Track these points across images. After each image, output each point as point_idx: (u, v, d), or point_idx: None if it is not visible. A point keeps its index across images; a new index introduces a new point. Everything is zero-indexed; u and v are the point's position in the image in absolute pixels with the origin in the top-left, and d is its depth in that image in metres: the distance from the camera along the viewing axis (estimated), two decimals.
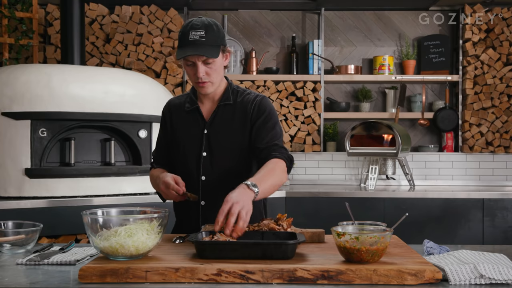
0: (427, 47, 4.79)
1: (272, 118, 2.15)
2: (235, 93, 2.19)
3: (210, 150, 2.14)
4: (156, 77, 4.56)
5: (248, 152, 2.14)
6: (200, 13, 4.86)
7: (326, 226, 1.91)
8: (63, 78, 3.55)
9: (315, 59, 4.71)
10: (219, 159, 2.13)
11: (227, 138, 2.14)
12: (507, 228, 4.03)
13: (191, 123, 2.18)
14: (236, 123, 2.14)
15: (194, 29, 2.01)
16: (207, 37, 2.01)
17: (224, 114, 2.16)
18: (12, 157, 3.44)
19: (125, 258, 1.59)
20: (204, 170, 2.14)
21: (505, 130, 4.62)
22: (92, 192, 3.59)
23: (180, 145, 2.19)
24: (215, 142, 2.14)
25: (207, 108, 2.19)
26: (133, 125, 3.74)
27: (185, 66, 2.08)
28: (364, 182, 4.67)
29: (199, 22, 2.02)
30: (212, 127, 2.15)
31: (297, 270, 1.49)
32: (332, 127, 4.76)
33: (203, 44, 2.00)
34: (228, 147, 2.13)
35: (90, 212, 1.70)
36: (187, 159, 2.17)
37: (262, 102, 2.15)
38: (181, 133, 2.19)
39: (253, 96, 2.17)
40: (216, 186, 2.12)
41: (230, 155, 2.13)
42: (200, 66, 2.03)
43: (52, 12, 4.54)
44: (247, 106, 2.15)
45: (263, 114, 2.13)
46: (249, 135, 2.13)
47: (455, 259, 1.65)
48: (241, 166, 2.15)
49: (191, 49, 2.00)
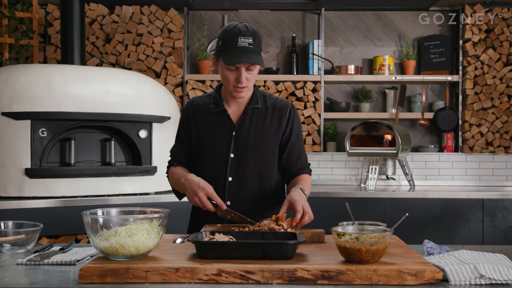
0: (427, 47, 4.79)
1: (301, 129, 2.33)
2: (261, 97, 2.26)
3: (238, 152, 2.18)
4: (156, 77, 4.56)
5: (274, 155, 2.23)
6: (200, 13, 4.86)
7: (326, 226, 1.91)
8: (63, 78, 3.55)
9: (315, 59, 4.71)
10: (246, 161, 2.18)
11: (256, 141, 2.18)
12: (507, 228, 4.03)
13: (218, 124, 2.21)
14: (268, 127, 2.21)
15: (243, 36, 2.05)
16: (255, 44, 2.07)
17: (254, 117, 2.21)
18: (12, 157, 3.44)
19: (125, 258, 1.59)
20: (231, 172, 2.17)
21: (505, 130, 4.62)
22: (92, 192, 3.59)
23: (206, 145, 2.21)
24: (243, 144, 2.18)
25: (234, 111, 2.22)
26: (133, 125, 3.74)
27: (225, 69, 2.10)
28: (364, 182, 4.67)
29: (246, 29, 2.07)
30: (241, 129, 2.19)
31: (297, 270, 1.49)
32: (332, 127, 4.76)
33: (252, 52, 2.06)
34: (256, 150, 2.18)
35: (90, 212, 1.70)
36: (213, 160, 2.19)
37: (296, 112, 2.29)
38: (207, 134, 2.21)
39: (285, 103, 2.27)
40: (241, 187, 2.18)
41: (258, 157, 2.19)
42: (243, 72, 2.09)
43: (52, 12, 4.54)
44: (282, 112, 2.23)
45: (298, 126, 2.27)
46: (281, 141, 2.23)
47: (455, 259, 1.65)
48: (267, 168, 2.22)
49: (244, 56, 2.04)
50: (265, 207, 2.23)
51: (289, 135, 2.24)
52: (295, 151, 2.26)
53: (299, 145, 2.28)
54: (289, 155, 2.25)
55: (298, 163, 2.27)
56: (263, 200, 2.23)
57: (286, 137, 2.24)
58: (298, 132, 2.26)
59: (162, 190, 3.86)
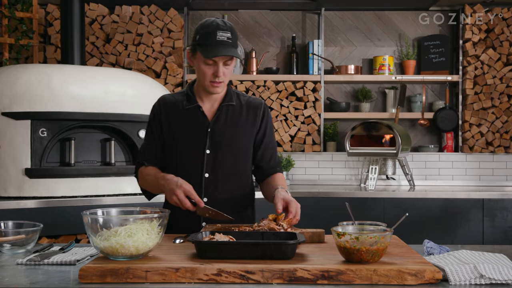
0: (427, 47, 4.79)
1: (273, 128, 2.38)
2: (235, 95, 2.27)
3: (213, 148, 2.18)
4: (156, 77, 4.56)
5: (249, 152, 2.26)
6: (200, 13, 4.86)
7: (326, 226, 1.92)
8: (63, 78, 3.55)
9: (315, 59, 4.71)
10: (222, 157, 2.18)
11: (231, 137, 2.20)
12: (507, 228, 4.03)
13: (192, 121, 2.20)
14: (243, 123, 2.23)
15: (222, 30, 2.07)
16: (233, 39, 2.10)
17: (229, 114, 2.22)
18: (12, 157, 3.44)
19: (125, 258, 1.59)
20: (208, 168, 2.17)
21: (505, 130, 4.62)
22: (92, 192, 3.59)
23: (180, 142, 2.20)
24: (219, 141, 2.18)
25: (208, 107, 2.23)
26: (133, 125, 3.74)
27: (202, 64, 2.11)
28: (364, 182, 4.67)
29: (223, 23, 2.09)
30: (216, 126, 2.19)
31: (297, 270, 1.49)
32: (332, 127, 4.76)
33: (230, 46, 2.08)
34: (232, 146, 2.20)
35: (90, 212, 1.70)
36: (188, 156, 2.19)
37: (269, 111, 2.32)
38: (181, 131, 2.20)
39: (259, 101, 2.30)
40: (218, 183, 2.18)
41: (233, 153, 2.21)
42: (221, 66, 2.09)
43: (52, 12, 4.54)
44: (256, 110, 2.26)
45: (271, 125, 2.30)
46: (255, 139, 2.26)
47: (455, 259, 1.65)
48: (242, 164, 2.25)
49: (222, 49, 2.05)
50: (241, 203, 2.25)
51: (263, 134, 2.26)
52: (269, 149, 2.29)
53: (272, 144, 2.31)
54: (263, 153, 2.27)
55: (272, 161, 2.29)
56: (239, 196, 2.25)
57: (261, 135, 2.26)
58: (271, 131, 2.30)
59: None
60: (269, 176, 2.29)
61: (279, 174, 2.30)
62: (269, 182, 2.27)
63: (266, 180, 2.30)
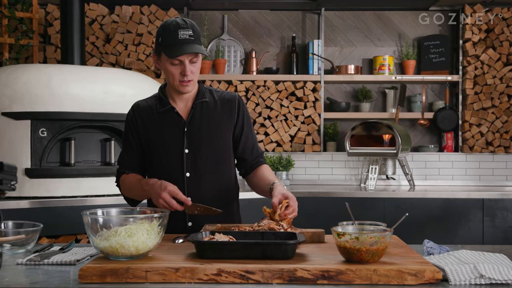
0: (427, 47, 4.79)
1: (251, 119, 2.33)
2: (207, 91, 2.26)
3: (192, 147, 2.18)
4: (156, 77, 4.56)
5: (229, 146, 2.24)
6: (200, 13, 4.86)
7: (326, 226, 1.91)
8: (63, 78, 3.55)
9: (315, 59, 4.71)
10: (202, 155, 2.18)
11: (209, 134, 2.19)
12: (507, 228, 4.03)
13: (167, 123, 2.20)
14: (219, 118, 2.21)
15: (182, 28, 2.06)
16: (195, 36, 2.08)
17: (203, 111, 2.21)
18: (12, 157, 3.43)
19: (125, 258, 1.59)
20: (188, 167, 2.17)
21: (505, 130, 4.62)
22: (92, 192, 3.59)
23: (158, 145, 2.19)
24: (197, 139, 2.18)
25: (181, 107, 2.22)
26: None
27: (168, 65, 2.10)
28: (364, 182, 4.67)
29: (183, 22, 2.09)
30: (192, 124, 2.19)
31: (297, 270, 1.49)
32: (332, 127, 4.76)
33: (193, 43, 2.07)
34: (210, 143, 2.19)
35: (90, 212, 1.70)
36: (168, 158, 2.18)
37: (244, 103, 2.30)
38: (157, 134, 2.20)
39: (233, 94, 2.28)
40: (200, 181, 2.18)
41: (213, 149, 2.20)
42: (188, 65, 2.08)
43: (52, 12, 4.54)
44: (231, 104, 2.24)
45: (248, 117, 2.28)
46: (234, 133, 2.24)
47: (455, 259, 1.65)
48: (223, 159, 2.23)
49: (185, 47, 2.05)
50: (225, 199, 2.24)
51: (241, 126, 2.24)
52: (249, 140, 2.27)
53: (252, 135, 2.29)
54: (244, 145, 2.25)
55: (254, 152, 2.27)
56: (223, 191, 2.23)
57: (239, 128, 2.24)
58: (249, 122, 2.28)
59: None
60: (254, 169, 2.27)
61: (265, 166, 2.27)
62: (258, 176, 2.24)
63: (253, 173, 2.27)
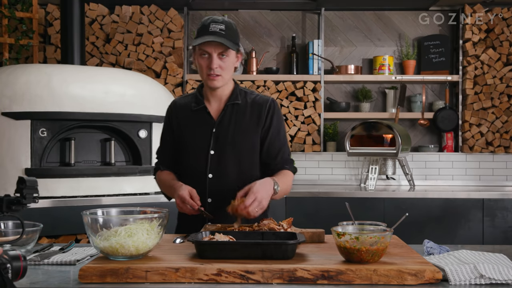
0: (427, 47, 4.79)
1: (283, 125, 2.30)
2: (242, 93, 2.26)
3: (218, 149, 2.18)
4: (156, 77, 4.56)
5: (255, 151, 2.22)
6: (200, 13, 4.86)
7: (326, 226, 1.91)
8: (63, 78, 3.55)
9: (315, 59, 4.71)
10: (227, 158, 2.18)
11: (235, 137, 2.19)
12: (507, 228, 4.03)
13: (198, 122, 2.22)
14: (247, 123, 2.21)
15: (216, 22, 2.10)
16: (227, 32, 2.10)
17: (233, 113, 2.21)
18: (12, 157, 3.44)
19: (125, 258, 1.59)
20: (212, 168, 2.18)
21: (505, 130, 4.62)
22: (92, 192, 3.59)
23: (187, 143, 2.22)
24: (223, 141, 2.18)
25: (214, 108, 2.23)
26: (133, 125, 3.74)
27: (199, 58, 2.13)
28: (364, 182, 4.67)
29: (220, 18, 2.13)
30: (221, 126, 2.20)
31: (297, 270, 1.49)
32: (332, 127, 4.76)
33: (223, 37, 2.09)
34: (236, 146, 2.18)
35: (90, 212, 1.70)
36: (194, 158, 2.20)
37: (277, 108, 2.27)
38: (188, 132, 2.23)
39: (266, 98, 2.26)
40: (222, 184, 2.17)
41: (238, 153, 2.19)
42: (215, 58, 2.10)
43: (52, 12, 4.54)
44: (261, 108, 2.23)
45: (278, 121, 2.25)
46: (260, 136, 2.22)
47: (455, 259, 1.65)
48: (247, 164, 2.21)
49: (212, 37, 2.07)
50: None
51: (268, 129, 2.22)
52: (275, 145, 2.23)
53: (280, 140, 2.25)
54: (268, 149, 2.23)
55: (279, 158, 2.23)
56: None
57: (265, 131, 2.22)
58: (278, 127, 2.24)
59: None
60: (274, 174, 2.22)
61: (284, 171, 2.22)
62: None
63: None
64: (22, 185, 1.43)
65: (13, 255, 1.26)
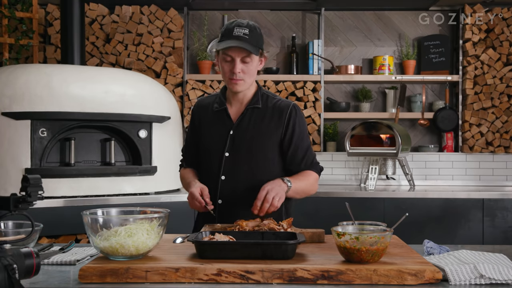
0: (427, 47, 4.79)
1: (305, 129, 2.26)
2: (264, 97, 2.25)
3: (233, 151, 2.19)
4: (156, 77, 4.56)
5: (270, 157, 2.20)
6: (200, 13, 4.86)
7: (326, 226, 1.91)
8: (63, 78, 3.55)
9: (315, 59, 4.71)
10: (240, 160, 2.18)
11: (251, 141, 2.18)
12: (507, 228, 4.03)
13: (218, 123, 2.24)
14: (266, 127, 2.20)
15: (240, 27, 2.10)
16: (250, 36, 2.10)
17: (253, 117, 2.21)
18: (12, 157, 3.44)
19: (125, 258, 1.59)
20: (225, 170, 2.18)
21: (505, 130, 4.62)
22: (92, 192, 3.59)
23: (205, 143, 2.25)
24: (239, 144, 2.18)
25: (235, 110, 2.24)
26: (133, 125, 3.74)
27: (222, 61, 2.14)
28: (364, 182, 4.67)
29: (244, 22, 2.13)
30: (239, 128, 2.20)
31: (297, 270, 1.49)
32: (332, 127, 4.76)
33: (245, 41, 2.09)
34: (251, 149, 2.18)
35: (90, 212, 1.70)
36: (210, 158, 2.22)
37: (299, 112, 2.23)
38: (207, 132, 2.25)
39: (287, 103, 2.24)
40: (234, 186, 2.17)
41: (253, 157, 2.18)
42: (238, 62, 2.11)
43: (52, 12, 4.54)
44: (282, 112, 2.21)
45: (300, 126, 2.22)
46: (280, 141, 2.20)
47: (455, 259, 1.65)
48: (261, 168, 2.19)
49: (235, 42, 2.08)
50: None
51: (291, 135, 2.20)
52: (299, 151, 2.22)
53: (303, 145, 2.22)
54: (293, 155, 2.22)
55: (303, 163, 2.23)
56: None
57: (288, 137, 2.20)
58: (301, 132, 2.22)
59: (162, 190, 3.86)
60: None
61: (305, 171, 2.22)
62: None
63: None
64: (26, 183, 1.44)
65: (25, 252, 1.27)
